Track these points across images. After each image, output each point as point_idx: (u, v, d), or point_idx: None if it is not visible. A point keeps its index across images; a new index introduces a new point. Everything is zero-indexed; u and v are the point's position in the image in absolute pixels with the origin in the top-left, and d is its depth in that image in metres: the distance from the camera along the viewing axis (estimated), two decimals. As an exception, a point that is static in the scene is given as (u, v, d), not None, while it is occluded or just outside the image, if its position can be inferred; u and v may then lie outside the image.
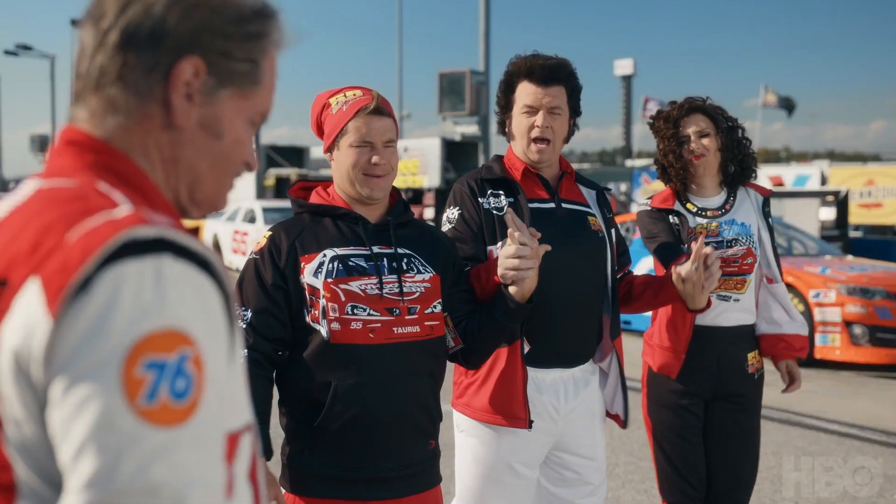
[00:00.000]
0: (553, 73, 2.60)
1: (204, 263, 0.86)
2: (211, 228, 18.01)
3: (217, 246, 17.44)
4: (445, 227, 2.61)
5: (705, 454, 3.12)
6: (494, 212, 2.57)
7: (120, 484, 0.76)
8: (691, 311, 2.70)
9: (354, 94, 2.21)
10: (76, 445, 0.77)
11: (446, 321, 2.25)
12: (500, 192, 2.61)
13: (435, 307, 2.20)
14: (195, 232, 0.94)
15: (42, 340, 0.80)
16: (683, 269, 2.57)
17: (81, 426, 0.77)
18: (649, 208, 3.18)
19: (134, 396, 0.77)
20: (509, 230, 2.19)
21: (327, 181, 2.34)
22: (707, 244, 2.98)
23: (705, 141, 3.09)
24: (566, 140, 2.71)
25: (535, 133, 2.61)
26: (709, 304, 2.70)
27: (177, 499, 0.78)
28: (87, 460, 0.76)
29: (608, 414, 2.78)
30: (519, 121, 2.65)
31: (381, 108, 2.18)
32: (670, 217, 3.11)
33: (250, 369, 2.07)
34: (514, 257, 2.17)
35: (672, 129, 3.13)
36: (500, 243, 2.50)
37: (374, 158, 2.15)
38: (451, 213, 2.62)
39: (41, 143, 38.56)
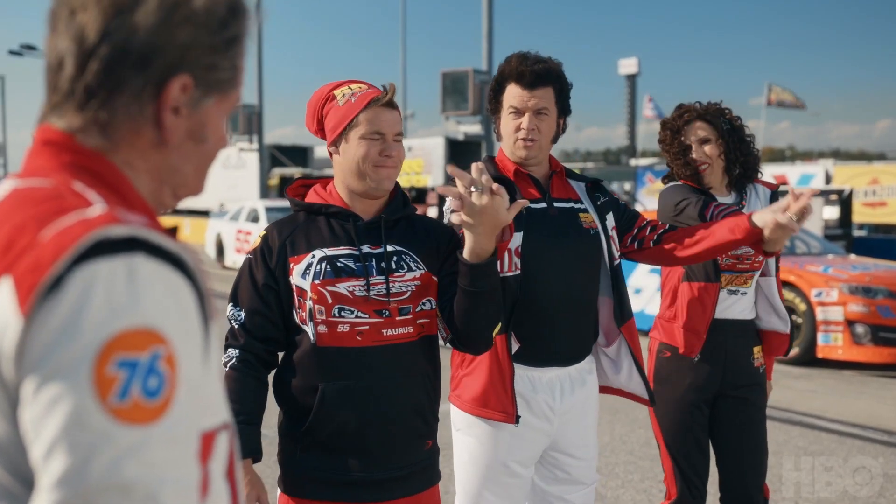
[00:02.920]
0: (540, 77, 2.59)
1: (178, 262, 0.86)
2: (214, 228, 18.02)
3: (220, 245, 17.46)
4: (452, 216, 2.59)
5: (716, 449, 3.16)
6: None
7: (91, 482, 0.76)
8: (768, 253, 2.64)
9: (360, 87, 2.15)
10: (47, 444, 0.77)
11: (436, 314, 2.18)
12: None
13: (425, 304, 2.13)
14: (173, 231, 0.94)
15: (13, 339, 0.80)
16: (783, 217, 2.47)
17: (52, 424, 0.77)
18: (680, 183, 3.16)
19: (105, 395, 0.77)
20: (458, 181, 1.95)
21: (329, 179, 2.29)
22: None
23: (707, 148, 3.09)
24: (554, 140, 2.71)
25: (521, 134, 2.62)
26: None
27: (149, 497, 0.78)
28: (58, 458, 0.76)
29: (624, 393, 2.75)
30: (506, 122, 2.66)
31: (392, 101, 2.14)
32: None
33: (241, 370, 2.07)
34: (463, 210, 1.94)
35: (675, 138, 3.14)
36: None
37: (386, 150, 2.11)
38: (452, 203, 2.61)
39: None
